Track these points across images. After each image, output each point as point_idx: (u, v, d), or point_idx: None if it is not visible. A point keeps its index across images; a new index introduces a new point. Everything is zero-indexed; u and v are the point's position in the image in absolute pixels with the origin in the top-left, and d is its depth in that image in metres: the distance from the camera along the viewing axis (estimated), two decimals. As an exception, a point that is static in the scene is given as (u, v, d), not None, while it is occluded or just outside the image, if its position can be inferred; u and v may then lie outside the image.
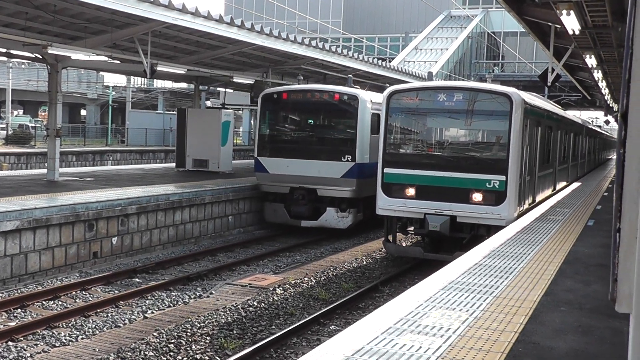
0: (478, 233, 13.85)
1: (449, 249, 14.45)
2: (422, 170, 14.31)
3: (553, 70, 17.59)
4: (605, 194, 19.76)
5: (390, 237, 15.08)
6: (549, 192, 18.79)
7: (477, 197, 13.75)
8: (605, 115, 49.48)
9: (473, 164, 14.24)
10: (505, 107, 13.75)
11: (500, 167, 13.73)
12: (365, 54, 32.58)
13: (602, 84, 26.20)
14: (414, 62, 53.10)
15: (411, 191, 14.24)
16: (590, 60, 18.85)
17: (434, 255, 14.51)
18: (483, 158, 14.37)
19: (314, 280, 13.68)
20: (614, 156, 61.71)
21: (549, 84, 18.02)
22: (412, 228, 15.35)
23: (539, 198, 16.78)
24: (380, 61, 28.74)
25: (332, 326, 10.66)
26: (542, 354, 5.07)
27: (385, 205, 14.57)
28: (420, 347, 5.06)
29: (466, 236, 14.08)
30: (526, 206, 14.99)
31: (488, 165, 14.06)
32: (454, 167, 14.16)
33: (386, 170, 14.62)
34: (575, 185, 22.91)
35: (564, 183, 22.43)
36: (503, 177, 13.60)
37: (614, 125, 60.36)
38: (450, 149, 14.82)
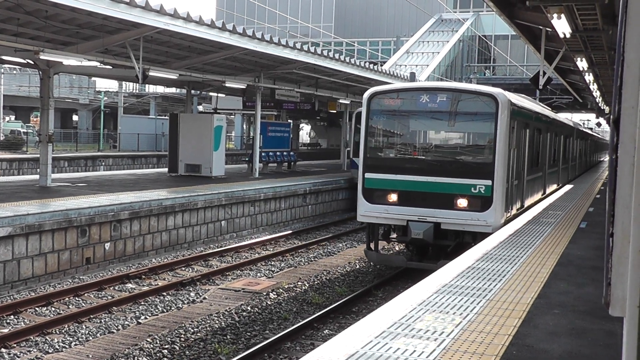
0: (463, 240, 13.17)
1: (434, 257, 13.82)
2: (404, 175, 13.63)
3: (544, 73, 17.69)
4: (598, 196, 19.84)
5: (372, 245, 14.42)
6: (538, 196, 18.33)
7: (462, 202, 13.06)
8: (597, 117, 49.72)
9: (457, 168, 13.51)
10: (490, 109, 13.09)
11: (486, 171, 13.03)
12: (357, 58, 32.65)
13: (594, 87, 26.32)
14: (406, 65, 53.22)
15: (393, 197, 13.56)
16: (581, 63, 18.95)
17: (417, 264, 13.82)
18: (468, 162, 13.70)
19: (307, 285, 13.68)
20: (605, 158, 61.97)
21: (540, 86, 18.11)
22: (395, 235, 14.66)
23: (527, 203, 16.26)
24: (371, 65, 28.81)
25: (326, 330, 10.66)
26: (536, 356, 5.09)
27: (367, 211, 13.84)
28: (415, 351, 5.07)
29: (451, 244, 13.40)
30: (514, 212, 14.43)
31: (473, 169, 13.38)
32: (438, 171, 13.50)
33: (367, 175, 13.92)
34: (567, 188, 22.98)
35: (555, 186, 22.04)
36: (489, 182, 12.92)
37: (605, 127, 60.66)
38: (433, 153, 14.14)
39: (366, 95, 14.25)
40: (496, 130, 12.98)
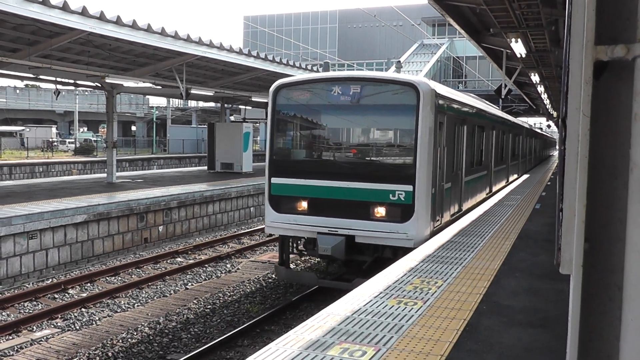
0: (383, 255, 9.28)
1: (353, 272, 9.88)
2: (314, 179, 9.51)
3: (506, 85, 17.59)
4: (549, 183, 19.73)
5: (284, 259, 10.24)
6: (482, 195, 14.13)
7: (380, 212, 9.07)
8: (547, 120, 49.45)
9: (374, 171, 9.38)
10: (411, 101, 8.95)
11: (406, 174, 9.00)
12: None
13: (544, 96, 26.19)
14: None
15: (303, 205, 9.56)
16: (535, 77, 18.87)
17: (329, 283, 9.85)
18: (386, 164, 9.54)
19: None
20: (554, 153, 61.61)
21: (502, 96, 18.03)
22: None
23: (468, 205, 12.20)
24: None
25: (335, 293, 10.66)
26: (501, 310, 5.09)
27: (273, 221, 9.79)
28: (405, 307, 5.08)
29: (367, 260, 9.43)
30: (447, 219, 10.37)
31: (392, 172, 9.28)
32: (352, 175, 9.36)
33: (273, 180, 9.85)
34: (524, 177, 22.80)
35: (503, 183, 18.16)
36: (410, 187, 8.94)
37: (554, 128, 60.28)
38: (347, 154, 9.95)
39: (272, 88, 9.98)
40: (417, 125, 8.94)
